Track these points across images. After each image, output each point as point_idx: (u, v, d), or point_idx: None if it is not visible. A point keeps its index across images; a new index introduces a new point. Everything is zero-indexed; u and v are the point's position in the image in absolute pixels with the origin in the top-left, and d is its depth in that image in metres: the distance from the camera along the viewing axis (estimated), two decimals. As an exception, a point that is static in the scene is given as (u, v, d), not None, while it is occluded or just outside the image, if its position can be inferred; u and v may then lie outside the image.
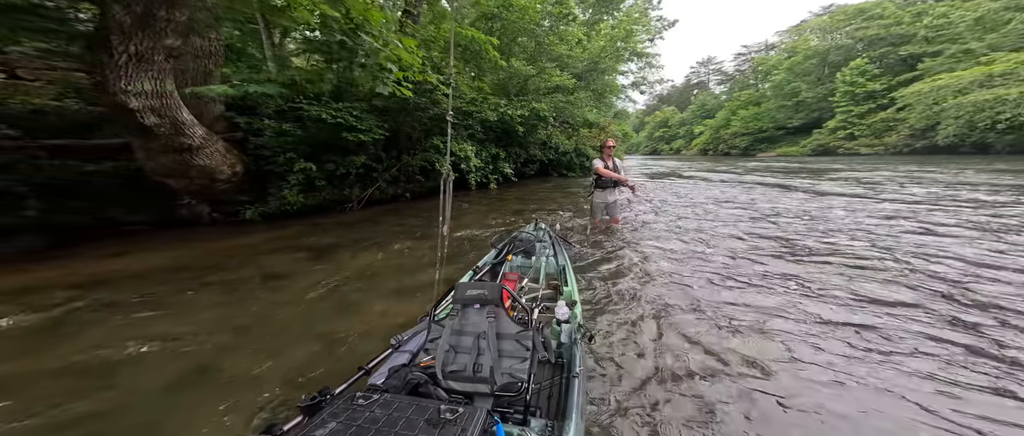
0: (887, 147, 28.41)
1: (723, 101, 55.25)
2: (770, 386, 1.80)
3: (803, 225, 5.18)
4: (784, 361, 2.01)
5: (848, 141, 32.48)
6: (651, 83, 22.15)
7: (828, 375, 1.87)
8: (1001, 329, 2.22)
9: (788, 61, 43.00)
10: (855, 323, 2.37)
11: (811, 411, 1.64)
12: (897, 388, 1.75)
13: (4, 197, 4.08)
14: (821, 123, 36.97)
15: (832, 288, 2.93)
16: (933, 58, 30.24)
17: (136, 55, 3.82)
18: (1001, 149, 20.71)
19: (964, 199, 6.74)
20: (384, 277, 3.61)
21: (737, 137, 45.09)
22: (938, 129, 24.13)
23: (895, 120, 28.89)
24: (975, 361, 1.93)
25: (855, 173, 12.90)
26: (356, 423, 0.93)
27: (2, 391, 1.91)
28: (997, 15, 28.84)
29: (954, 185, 8.68)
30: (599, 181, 4.92)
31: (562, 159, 13.95)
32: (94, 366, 2.15)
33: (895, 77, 32.34)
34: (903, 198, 7.14)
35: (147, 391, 1.91)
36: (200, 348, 2.32)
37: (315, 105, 6.38)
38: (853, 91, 34.18)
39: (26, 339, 2.49)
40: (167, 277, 3.73)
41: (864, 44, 37.15)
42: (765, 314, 2.53)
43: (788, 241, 4.30)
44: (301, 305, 2.98)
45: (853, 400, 1.69)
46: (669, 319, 2.52)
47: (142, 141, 4.54)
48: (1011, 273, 3.08)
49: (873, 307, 2.58)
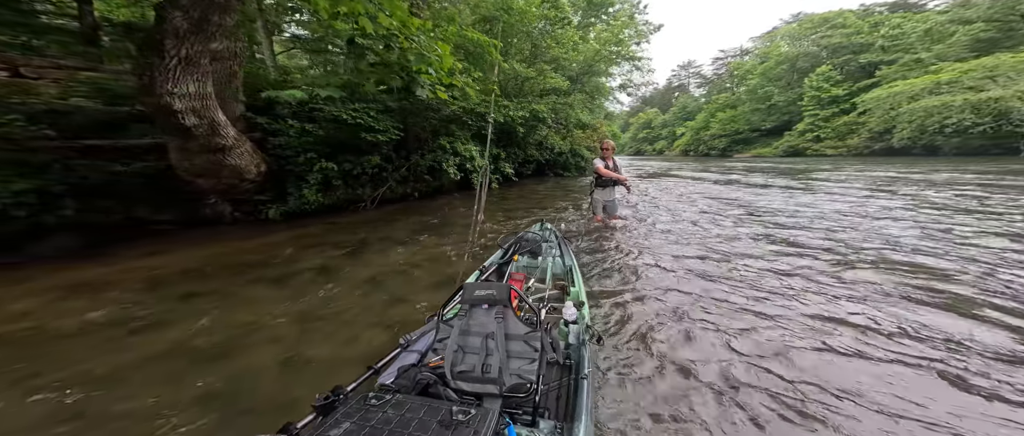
0: (850, 149, 30.49)
1: (702, 104, 57.63)
2: (785, 382, 1.81)
3: (787, 218, 5.84)
4: (788, 351, 2.10)
5: (815, 143, 34.68)
6: (637, 85, 23.01)
7: (849, 376, 1.89)
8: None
9: (761, 66, 45.36)
10: (861, 315, 2.51)
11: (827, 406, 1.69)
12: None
13: (43, 196, 4.11)
14: (791, 126, 39.26)
15: (837, 283, 3.06)
16: (888, 66, 32.72)
17: (186, 58, 3.97)
18: (948, 151, 22.71)
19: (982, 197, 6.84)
20: (422, 269, 3.86)
21: (716, 138, 47.20)
22: (894, 132, 26.18)
23: (857, 124, 31.00)
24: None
25: (822, 172, 14.06)
26: (370, 423, 0.94)
27: (131, 372, 2.14)
28: (943, 27, 31.64)
29: (948, 185, 9.71)
30: (599, 180, 5.09)
31: (558, 159, 14.46)
32: (200, 348, 2.38)
33: (856, 83, 34.68)
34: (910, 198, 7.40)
35: (251, 370, 2.14)
36: (281, 334, 2.54)
37: (335, 105, 6.55)
38: (819, 96, 36.54)
39: (124, 329, 2.69)
40: (217, 272, 3.91)
41: (828, 51, 39.55)
42: (773, 311, 2.60)
43: (777, 236, 4.90)
44: (353, 296, 3.18)
45: (857, 374, 1.91)
46: (672, 315, 2.59)
47: (180, 141, 4.65)
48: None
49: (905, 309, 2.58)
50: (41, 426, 1.73)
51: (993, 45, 27.17)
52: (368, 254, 4.55)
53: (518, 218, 6.60)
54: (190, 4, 3.59)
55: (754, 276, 3.33)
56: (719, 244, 4.45)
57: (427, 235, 5.47)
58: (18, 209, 3.80)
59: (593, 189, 5.33)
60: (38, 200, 4.01)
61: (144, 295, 3.29)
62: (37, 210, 4.05)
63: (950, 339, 2.21)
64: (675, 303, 2.79)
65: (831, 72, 36.90)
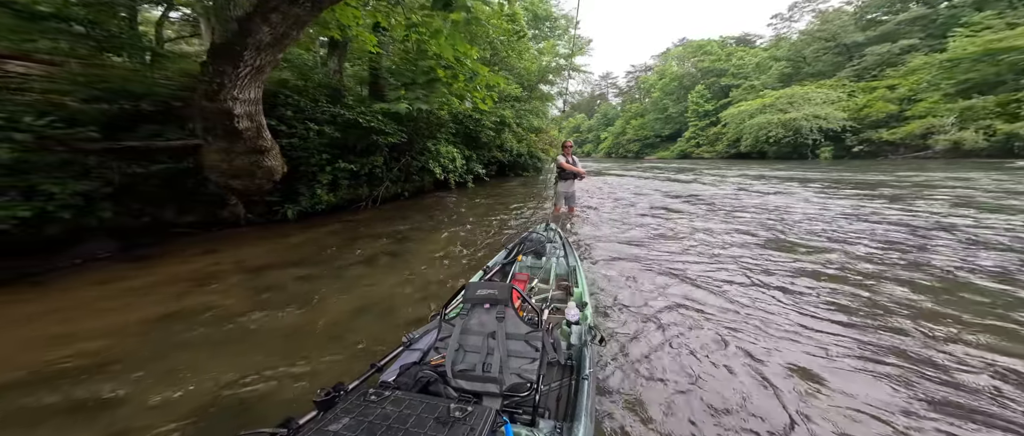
0: (717, 154, 39.07)
1: (619, 112, 65.85)
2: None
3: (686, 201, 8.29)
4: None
5: (697, 148, 43.20)
6: (572, 93, 25.83)
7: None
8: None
9: (660, 82, 53.98)
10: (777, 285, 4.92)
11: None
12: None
13: (89, 199, 3.90)
14: (681, 133, 47.93)
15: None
16: (737, 89, 42.43)
17: (257, 68, 4.24)
18: (771, 156, 31.45)
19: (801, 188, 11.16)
20: (457, 258, 4.33)
21: (631, 142, 54.82)
22: (741, 142, 34.67)
23: (721, 134, 39.54)
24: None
25: (700, 170, 18.45)
26: (368, 419, 0.96)
27: (350, 319, 2.80)
28: (765, 62, 42.49)
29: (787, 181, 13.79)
30: (562, 174, 5.67)
31: (519, 160, 15.98)
32: (371, 304, 2.99)
33: (719, 101, 43.99)
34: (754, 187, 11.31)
35: (411, 302, 2.98)
36: (405, 289, 3.25)
37: (350, 109, 6.88)
38: (697, 110, 45.58)
39: (295, 302, 3.06)
40: (297, 263, 4.20)
41: (702, 73, 48.68)
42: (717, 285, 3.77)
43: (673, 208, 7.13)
44: (434, 264, 3.96)
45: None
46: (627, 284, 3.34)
47: (225, 143, 4.71)
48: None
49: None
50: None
51: (791, 79, 37.96)
52: (413, 242, 5.15)
53: (496, 214, 7.81)
54: (279, 21, 3.96)
55: (698, 246, 5.01)
56: (646, 220, 6.25)
57: (446, 228, 6.10)
58: (64, 210, 3.65)
59: (557, 183, 5.91)
60: (84, 201, 3.82)
61: (259, 281, 3.59)
62: (82, 212, 3.85)
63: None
64: (622, 266, 3.72)
65: (704, 91, 46.26)
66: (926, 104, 24.07)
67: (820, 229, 5.26)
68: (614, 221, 6.28)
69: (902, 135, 24.06)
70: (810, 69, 37.40)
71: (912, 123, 23.81)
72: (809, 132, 28.37)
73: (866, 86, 29.64)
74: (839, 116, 27.54)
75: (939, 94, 23.93)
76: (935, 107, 23.39)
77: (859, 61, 32.78)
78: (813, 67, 37.21)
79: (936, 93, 24.12)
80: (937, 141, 22.26)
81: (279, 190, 6.51)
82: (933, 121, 22.77)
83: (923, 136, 23.09)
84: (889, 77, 28.79)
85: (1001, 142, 19.74)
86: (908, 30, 31.14)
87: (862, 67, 32.21)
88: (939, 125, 22.40)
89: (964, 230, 4.94)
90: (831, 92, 30.10)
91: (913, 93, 25.60)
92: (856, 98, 28.78)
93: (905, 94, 26.06)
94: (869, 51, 31.90)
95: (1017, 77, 20.84)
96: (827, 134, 28.03)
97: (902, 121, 24.86)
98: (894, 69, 29.34)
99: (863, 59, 32.40)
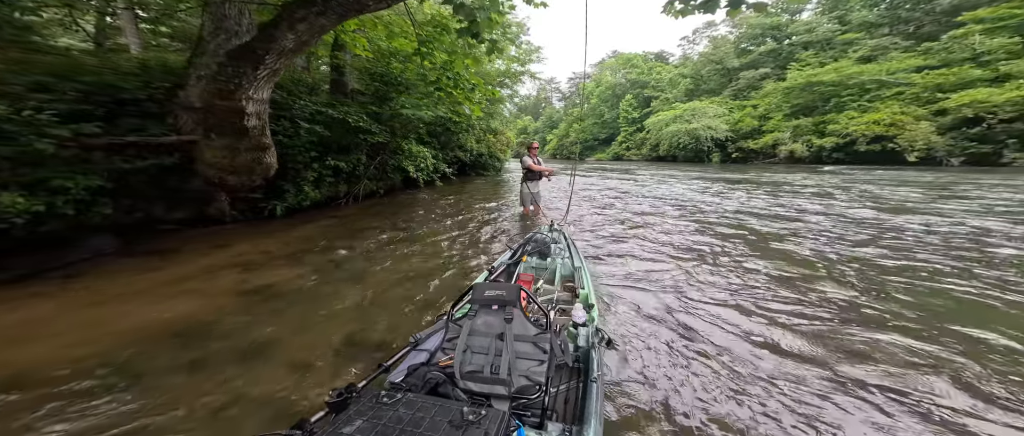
0: (642, 156, 44.10)
1: (563, 115, 69.80)
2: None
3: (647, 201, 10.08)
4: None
5: (627, 151, 48.13)
6: (523, 97, 27.28)
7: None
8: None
9: (598, 89, 58.70)
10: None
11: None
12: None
13: (93, 194, 3.75)
14: (615, 137, 52.98)
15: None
16: (655, 100, 48.36)
17: (275, 70, 4.46)
18: (681, 159, 37.05)
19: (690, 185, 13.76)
20: (462, 247, 4.71)
21: (574, 145, 58.70)
22: (660, 146, 39.99)
23: (644, 139, 44.71)
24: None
25: (631, 170, 21.36)
26: (382, 422, 0.96)
27: (391, 288, 3.47)
28: (676, 79, 49.25)
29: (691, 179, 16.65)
30: (528, 174, 5.84)
31: (479, 160, 16.72)
32: (414, 272, 3.68)
33: (643, 110, 49.56)
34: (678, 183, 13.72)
35: (444, 268, 3.77)
36: (437, 261, 3.99)
37: (340, 108, 7.02)
38: (627, 116, 50.96)
39: (344, 279, 3.50)
40: (310, 254, 4.39)
41: (630, 83, 54.15)
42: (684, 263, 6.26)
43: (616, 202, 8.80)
44: (454, 244, 4.74)
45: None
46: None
47: (230, 140, 4.74)
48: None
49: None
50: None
51: (693, 94, 44.72)
52: (421, 230, 5.74)
53: (475, 206, 8.64)
54: (305, 30, 4.27)
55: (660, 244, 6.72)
56: (613, 212, 7.89)
57: (440, 221, 6.63)
58: (67, 206, 3.55)
59: (523, 183, 6.10)
60: (90, 196, 3.69)
61: (298, 267, 3.85)
62: (87, 207, 3.72)
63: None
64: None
65: (632, 100, 51.82)
66: (774, 121, 31.49)
67: (733, 209, 7.17)
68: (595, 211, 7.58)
69: (760, 145, 30.92)
70: (706, 86, 44.71)
71: (766, 136, 30.76)
72: (705, 140, 34.61)
73: (739, 104, 36.82)
74: (723, 128, 33.84)
75: (781, 114, 31.54)
76: (779, 124, 30.84)
77: (736, 83, 40.56)
78: (708, 85, 44.62)
79: (779, 113, 31.71)
80: (781, 150, 29.06)
81: (263, 187, 6.41)
82: (778, 135, 30.08)
83: (773, 146, 29.94)
84: (753, 98, 36.52)
85: (816, 152, 26.66)
86: (765, 60, 39.57)
87: (738, 88, 40.02)
88: (781, 138, 29.67)
89: (781, 204, 7.19)
90: (720, 108, 36.72)
91: (767, 112, 33.13)
92: (734, 114, 35.64)
93: (763, 113, 33.55)
94: (742, 75, 39.71)
95: (824, 103, 28.82)
96: (716, 142, 34.46)
97: (761, 134, 31.71)
98: (756, 92, 37.22)
99: (739, 81, 40.14)
